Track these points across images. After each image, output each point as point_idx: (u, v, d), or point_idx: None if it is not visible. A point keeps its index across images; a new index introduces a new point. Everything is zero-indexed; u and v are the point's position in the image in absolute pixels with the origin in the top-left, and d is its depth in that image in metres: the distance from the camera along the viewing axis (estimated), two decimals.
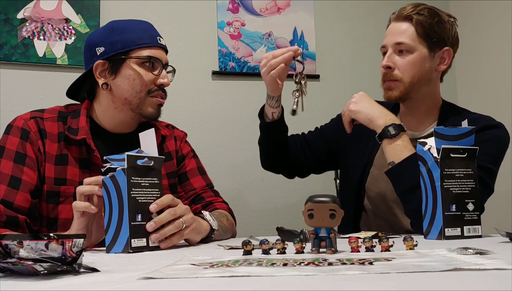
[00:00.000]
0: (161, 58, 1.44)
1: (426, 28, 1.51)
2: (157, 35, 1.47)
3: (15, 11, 2.04)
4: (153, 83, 1.43)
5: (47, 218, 1.37)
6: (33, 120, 1.40)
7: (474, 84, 2.50)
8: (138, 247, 1.05)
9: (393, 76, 1.52)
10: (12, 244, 0.69)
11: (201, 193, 1.53)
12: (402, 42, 1.51)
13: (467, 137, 1.19)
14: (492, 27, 2.41)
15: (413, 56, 1.51)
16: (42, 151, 1.38)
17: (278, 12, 2.39)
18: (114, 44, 1.41)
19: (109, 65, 1.42)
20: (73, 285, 0.63)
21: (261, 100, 2.37)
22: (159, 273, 0.67)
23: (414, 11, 1.52)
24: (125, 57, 1.41)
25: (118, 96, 1.43)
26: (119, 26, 1.46)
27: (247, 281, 0.62)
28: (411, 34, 1.51)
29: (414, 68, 1.51)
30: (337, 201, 0.91)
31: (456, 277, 0.60)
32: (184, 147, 1.61)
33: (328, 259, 0.77)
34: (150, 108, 1.44)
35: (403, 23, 1.53)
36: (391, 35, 1.55)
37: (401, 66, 1.52)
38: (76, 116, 1.44)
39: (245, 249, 0.89)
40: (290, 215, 2.27)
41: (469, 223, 1.15)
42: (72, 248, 0.71)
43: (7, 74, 2.03)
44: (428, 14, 1.53)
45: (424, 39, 1.52)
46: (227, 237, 1.44)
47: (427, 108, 1.58)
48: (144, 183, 1.09)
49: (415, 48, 1.51)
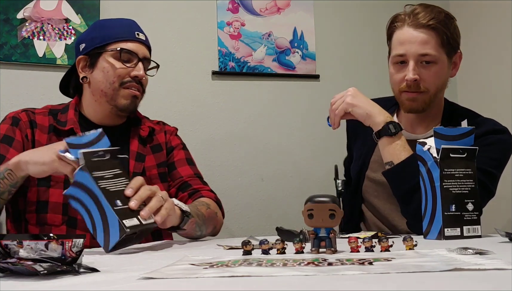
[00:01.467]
0: (137, 51, 1.49)
1: (448, 36, 1.45)
2: (136, 30, 1.52)
3: (15, 11, 2.04)
4: (128, 75, 1.48)
5: (37, 202, 1.40)
6: (24, 113, 1.49)
7: (474, 84, 2.50)
8: (133, 226, 1.03)
9: (419, 88, 1.45)
10: (12, 244, 0.69)
11: (188, 180, 1.54)
12: (427, 54, 1.43)
13: (467, 138, 1.19)
14: (492, 27, 2.41)
15: (438, 67, 1.45)
16: (30, 139, 1.45)
17: (278, 12, 2.39)
18: (93, 40, 1.50)
19: (89, 59, 1.50)
20: (73, 285, 0.63)
21: (261, 100, 2.38)
22: (159, 273, 0.67)
23: (434, 19, 1.45)
24: (101, 51, 1.48)
25: (95, 89, 1.50)
26: (101, 23, 1.61)
27: (247, 281, 0.62)
28: (435, 45, 1.44)
29: (439, 79, 1.47)
30: (337, 201, 0.91)
31: (456, 277, 0.60)
32: (174, 139, 1.64)
33: (327, 259, 0.77)
34: (124, 99, 1.48)
35: (425, 31, 1.44)
36: (413, 45, 1.44)
37: (427, 78, 1.45)
38: (65, 111, 1.52)
39: (245, 249, 0.89)
40: (290, 215, 2.27)
41: (468, 223, 1.15)
42: (72, 248, 0.71)
43: (7, 74, 2.03)
44: (446, 19, 1.47)
45: (445, 48, 1.46)
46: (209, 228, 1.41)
47: (433, 113, 1.54)
48: (107, 175, 1.08)
49: (439, 59, 1.45)
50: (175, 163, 1.58)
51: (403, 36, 1.46)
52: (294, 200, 2.30)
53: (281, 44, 2.38)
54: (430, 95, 1.47)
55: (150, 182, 1.52)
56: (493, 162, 1.39)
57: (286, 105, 2.39)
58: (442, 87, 1.50)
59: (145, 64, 1.53)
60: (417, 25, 1.44)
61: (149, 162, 1.54)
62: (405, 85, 1.46)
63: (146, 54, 1.52)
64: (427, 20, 1.44)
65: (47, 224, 1.40)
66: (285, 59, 2.38)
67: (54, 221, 1.40)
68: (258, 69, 2.34)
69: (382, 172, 1.42)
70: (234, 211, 2.26)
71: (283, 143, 2.36)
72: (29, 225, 1.41)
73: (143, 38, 1.53)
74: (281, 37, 2.38)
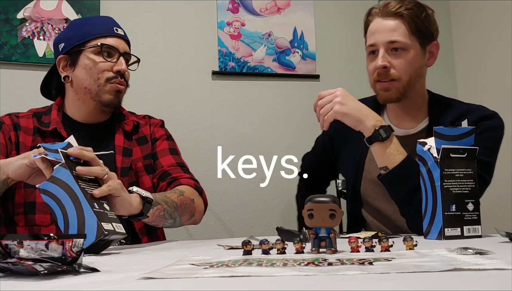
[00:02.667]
0: (117, 46, 1.50)
1: (417, 24, 1.46)
2: (114, 26, 1.53)
3: (15, 11, 2.04)
4: (111, 70, 1.48)
5: (25, 203, 1.40)
6: (7, 116, 1.50)
7: (474, 84, 2.50)
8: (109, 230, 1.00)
9: (390, 76, 1.46)
10: (12, 244, 0.69)
11: (168, 169, 1.52)
12: (396, 41, 1.45)
13: (467, 137, 1.19)
14: (492, 26, 2.41)
15: (408, 54, 1.46)
16: (14, 141, 1.45)
17: (278, 12, 2.39)
18: (72, 38, 1.50)
19: (69, 58, 1.50)
20: (73, 285, 0.63)
21: (261, 100, 2.38)
22: (159, 273, 0.67)
23: (403, 7, 1.46)
24: (82, 48, 1.48)
25: (78, 87, 1.50)
26: (77, 22, 1.62)
27: (247, 281, 0.62)
28: (404, 31, 1.46)
29: (411, 66, 1.47)
30: (337, 201, 0.91)
31: (456, 277, 0.60)
32: (158, 131, 1.63)
33: (328, 259, 0.77)
34: (108, 95, 1.48)
35: (393, 20, 1.47)
36: (381, 33, 1.47)
37: (397, 65, 1.46)
38: (48, 112, 1.53)
39: (245, 249, 0.89)
40: (290, 215, 2.27)
41: (469, 223, 1.15)
42: (72, 248, 0.71)
43: (7, 74, 2.03)
44: (417, 8, 1.48)
45: (416, 35, 1.47)
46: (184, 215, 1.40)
47: (417, 105, 1.55)
48: (84, 177, 1.06)
49: (409, 46, 1.46)
50: (157, 153, 1.57)
51: (374, 26, 1.50)
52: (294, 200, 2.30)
53: (281, 44, 2.38)
54: (403, 83, 1.47)
55: (137, 175, 1.52)
56: (486, 151, 1.38)
57: (286, 105, 2.39)
58: (416, 75, 1.49)
59: (127, 58, 1.53)
60: (386, 14, 1.48)
61: (136, 154, 1.54)
62: (377, 75, 1.48)
63: (126, 49, 1.53)
64: (395, 9, 1.46)
65: (35, 224, 1.39)
66: (285, 59, 2.38)
67: (42, 221, 1.39)
68: (258, 69, 2.34)
69: (378, 177, 1.40)
70: (234, 211, 2.26)
71: (283, 143, 2.36)
72: (18, 227, 1.40)
73: (122, 33, 1.53)
74: (281, 37, 2.38)
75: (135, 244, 1.38)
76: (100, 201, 1.05)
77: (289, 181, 2.34)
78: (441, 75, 2.60)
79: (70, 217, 1.00)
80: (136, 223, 1.46)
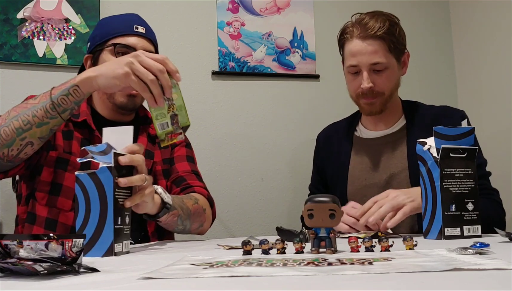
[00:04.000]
0: (134, 45, 1.47)
1: (394, 42, 1.58)
2: (134, 24, 1.51)
3: (15, 11, 2.04)
4: None
5: (52, 183, 1.39)
6: None
7: (474, 84, 2.50)
8: (117, 252, 0.98)
9: (374, 93, 1.58)
10: (12, 244, 0.69)
11: (183, 175, 1.53)
12: (378, 62, 1.56)
13: (467, 137, 1.19)
14: (492, 27, 2.41)
15: (389, 72, 1.59)
16: None
17: (278, 12, 2.39)
18: (95, 38, 1.52)
19: (92, 58, 1.51)
20: (73, 285, 0.63)
21: (261, 100, 2.38)
22: (159, 273, 0.67)
23: (381, 29, 1.55)
24: (101, 48, 1.49)
25: None
26: (103, 21, 1.63)
27: (246, 281, 0.62)
28: (384, 52, 1.56)
29: (391, 82, 1.60)
30: (337, 201, 0.91)
31: (456, 277, 0.60)
32: None
33: (327, 259, 0.77)
34: (121, 98, 1.48)
35: (373, 42, 1.56)
36: (363, 56, 1.56)
37: (380, 83, 1.58)
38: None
39: (245, 249, 0.89)
40: (290, 215, 2.28)
41: (468, 222, 1.15)
42: (72, 248, 0.71)
43: (7, 74, 2.03)
44: (392, 28, 1.58)
45: (393, 53, 1.59)
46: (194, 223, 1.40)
47: (392, 110, 1.68)
48: None
49: (389, 64, 1.58)
50: (174, 159, 1.58)
51: (354, 48, 1.58)
52: (294, 200, 2.30)
53: (281, 44, 2.38)
54: (385, 97, 1.61)
55: (155, 178, 1.52)
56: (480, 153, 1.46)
57: (286, 105, 2.39)
58: (395, 87, 1.64)
59: None
60: (365, 37, 1.56)
61: (156, 157, 1.55)
62: (361, 93, 1.60)
63: (145, 47, 1.48)
64: (374, 31, 1.55)
65: (56, 207, 1.38)
66: (285, 59, 2.38)
67: (63, 205, 1.38)
68: (258, 69, 2.34)
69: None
70: (234, 211, 2.26)
71: (283, 143, 2.36)
72: (38, 204, 1.39)
73: (143, 31, 1.51)
74: (281, 37, 2.38)
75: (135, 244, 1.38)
76: (125, 213, 1.02)
77: (289, 180, 2.34)
78: (441, 75, 2.60)
79: (90, 220, 0.97)
80: (149, 226, 1.47)
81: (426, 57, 2.58)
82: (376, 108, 1.61)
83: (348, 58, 1.61)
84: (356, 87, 1.61)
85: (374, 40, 1.56)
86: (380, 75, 1.58)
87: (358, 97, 1.62)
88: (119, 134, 1.08)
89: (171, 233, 1.53)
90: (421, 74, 2.55)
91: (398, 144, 1.64)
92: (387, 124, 1.69)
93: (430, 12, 2.63)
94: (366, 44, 1.56)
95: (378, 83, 1.58)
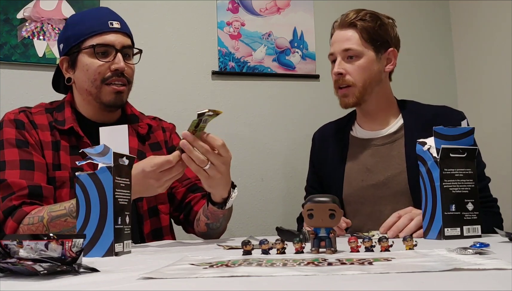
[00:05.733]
0: (112, 42, 1.43)
1: (370, 33, 1.59)
2: (108, 20, 1.45)
3: (15, 11, 2.04)
4: (108, 70, 1.43)
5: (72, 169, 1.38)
6: (22, 113, 1.45)
7: (474, 84, 2.50)
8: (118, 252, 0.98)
9: (345, 81, 1.60)
10: (12, 244, 0.69)
11: (197, 182, 1.52)
12: (349, 48, 1.59)
13: (467, 137, 1.19)
14: (492, 27, 2.41)
15: (362, 61, 1.59)
16: (38, 140, 1.41)
17: (278, 12, 2.39)
18: (68, 39, 1.46)
19: (69, 60, 1.47)
20: (73, 285, 0.63)
21: (261, 100, 2.38)
22: (159, 273, 0.67)
23: (357, 18, 1.60)
24: (77, 50, 1.44)
25: (81, 89, 1.47)
26: (72, 19, 1.52)
27: (246, 281, 0.62)
28: (357, 40, 1.59)
29: (364, 72, 1.59)
30: (337, 201, 0.91)
31: (456, 277, 0.60)
32: (175, 138, 1.62)
33: (327, 259, 0.77)
34: (108, 96, 1.45)
35: (348, 30, 1.61)
36: (338, 43, 1.62)
37: (351, 71, 1.59)
38: (60, 109, 1.49)
39: (244, 249, 0.89)
40: (290, 215, 2.27)
41: (468, 222, 1.15)
42: (72, 248, 0.71)
43: (7, 74, 2.03)
44: (370, 19, 1.60)
45: (370, 43, 1.60)
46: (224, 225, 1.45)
47: (384, 108, 1.67)
48: (122, 184, 1.02)
49: (362, 53, 1.59)
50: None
51: (334, 37, 1.66)
52: (294, 200, 2.30)
53: (281, 44, 2.38)
54: (358, 89, 1.60)
55: None
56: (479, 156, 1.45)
57: (286, 105, 2.39)
58: (371, 80, 1.61)
59: (127, 52, 1.47)
60: (343, 25, 1.63)
61: None
62: (335, 81, 1.63)
63: (124, 43, 1.45)
64: (350, 20, 1.60)
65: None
66: (285, 59, 2.38)
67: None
68: (258, 69, 2.34)
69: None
70: (234, 211, 2.24)
71: (283, 143, 2.36)
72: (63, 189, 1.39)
73: (118, 26, 1.46)
74: (281, 37, 2.38)
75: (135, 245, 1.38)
76: (125, 213, 1.02)
77: (289, 180, 2.34)
78: (441, 75, 2.60)
79: (91, 221, 0.97)
80: (145, 227, 1.47)
81: (426, 57, 2.58)
82: (350, 100, 1.61)
83: (330, 49, 1.67)
84: (332, 77, 1.64)
85: (348, 27, 1.61)
86: (352, 63, 1.60)
87: (336, 90, 1.64)
88: (115, 133, 1.08)
89: (168, 234, 1.53)
90: (421, 74, 2.55)
91: (396, 145, 1.63)
92: (382, 123, 1.67)
93: (430, 12, 2.63)
94: (342, 31, 1.62)
95: (350, 71, 1.59)
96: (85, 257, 0.94)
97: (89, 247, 0.96)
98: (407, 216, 1.30)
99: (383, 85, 1.65)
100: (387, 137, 1.65)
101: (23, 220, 1.27)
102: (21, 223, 1.27)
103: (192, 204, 1.51)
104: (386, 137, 1.65)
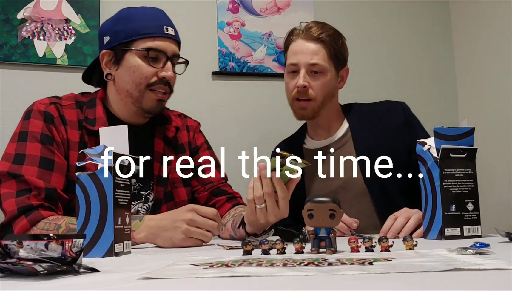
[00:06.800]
0: (165, 49, 1.39)
1: (336, 50, 1.60)
2: (164, 24, 1.41)
3: (15, 11, 2.04)
4: (155, 76, 1.39)
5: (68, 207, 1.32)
6: (53, 106, 1.38)
7: (474, 84, 2.50)
8: (118, 252, 0.98)
9: (307, 95, 1.60)
10: (12, 244, 0.69)
11: (220, 186, 1.53)
12: (316, 64, 1.58)
13: (467, 137, 1.19)
14: (492, 27, 2.41)
15: (325, 78, 1.60)
16: (65, 138, 1.36)
17: (278, 12, 2.39)
18: (118, 34, 1.39)
19: (114, 55, 1.40)
20: (72, 285, 0.63)
21: (261, 100, 2.38)
22: (159, 273, 0.67)
23: (324, 33, 1.59)
24: (127, 48, 1.38)
25: (120, 88, 1.42)
26: (126, 14, 1.44)
27: (247, 281, 0.62)
28: (324, 56, 1.59)
29: (325, 88, 1.61)
30: (337, 201, 0.91)
31: (456, 277, 0.60)
32: (198, 138, 1.60)
33: (327, 259, 0.77)
34: (150, 103, 1.41)
35: (315, 44, 1.60)
36: (304, 55, 1.59)
37: (315, 86, 1.60)
38: (91, 106, 1.42)
39: (245, 249, 0.89)
40: None
41: (468, 223, 1.15)
42: (72, 248, 0.71)
43: (7, 74, 2.03)
44: (335, 36, 1.62)
45: (333, 61, 1.61)
46: None
47: (332, 118, 1.70)
48: (122, 184, 1.01)
49: (327, 70, 1.60)
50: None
51: (296, 47, 1.62)
52: None
53: (281, 44, 2.37)
54: (318, 103, 1.62)
55: (173, 185, 1.48)
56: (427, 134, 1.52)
57: (286, 105, 2.38)
58: (329, 96, 1.64)
59: (174, 61, 1.44)
60: (309, 38, 1.61)
61: (173, 163, 1.48)
62: (296, 92, 1.61)
63: (175, 51, 1.43)
64: (318, 34, 1.59)
65: None
66: None
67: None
68: (258, 69, 2.34)
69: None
70: None
71: None
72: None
73: (173, 33, 1.42)
74: (281, 37, 2.38)
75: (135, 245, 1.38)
76: (125, 213, 1.01)
77: None
78: (441, 75, 2.60)
79: (91, 221, 0.97)
80: None
81: (426, 57, 2.58)
82: (308, 113, 1.63)
83: (289, 58, 1.64)
84: (292, 87, 1.62)
85: (316, 42, 1.60)
86: (316, 78, 1.60)
87: (293, 101, 1.63)
88: (114, 133, 1.08)
89: None
90: (421, 74, 2.55)
91: (346, 148, 1.65)
92: (329, 131, 1.70)
93: (430, 12, 2.63)
94: (308, 44, 1.60)
95: (313, 86, 1.60)
96: (85, 257, 0.94)
97: (89, 247, 0.96)
98: (403, 215, 1.30)
99: (334, 100, 1.69)
100: (336, 143, 1.68)
101: (38, 224, 1.22)
102: (36, 225, 1.22)
103: (216, 207, 1.50)
104: (336, 143, 1.68)
